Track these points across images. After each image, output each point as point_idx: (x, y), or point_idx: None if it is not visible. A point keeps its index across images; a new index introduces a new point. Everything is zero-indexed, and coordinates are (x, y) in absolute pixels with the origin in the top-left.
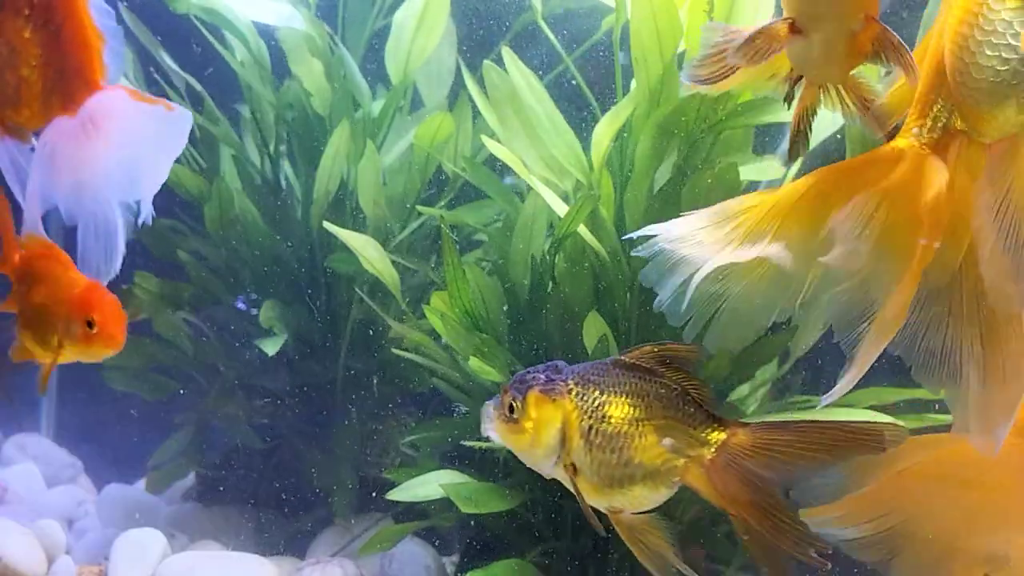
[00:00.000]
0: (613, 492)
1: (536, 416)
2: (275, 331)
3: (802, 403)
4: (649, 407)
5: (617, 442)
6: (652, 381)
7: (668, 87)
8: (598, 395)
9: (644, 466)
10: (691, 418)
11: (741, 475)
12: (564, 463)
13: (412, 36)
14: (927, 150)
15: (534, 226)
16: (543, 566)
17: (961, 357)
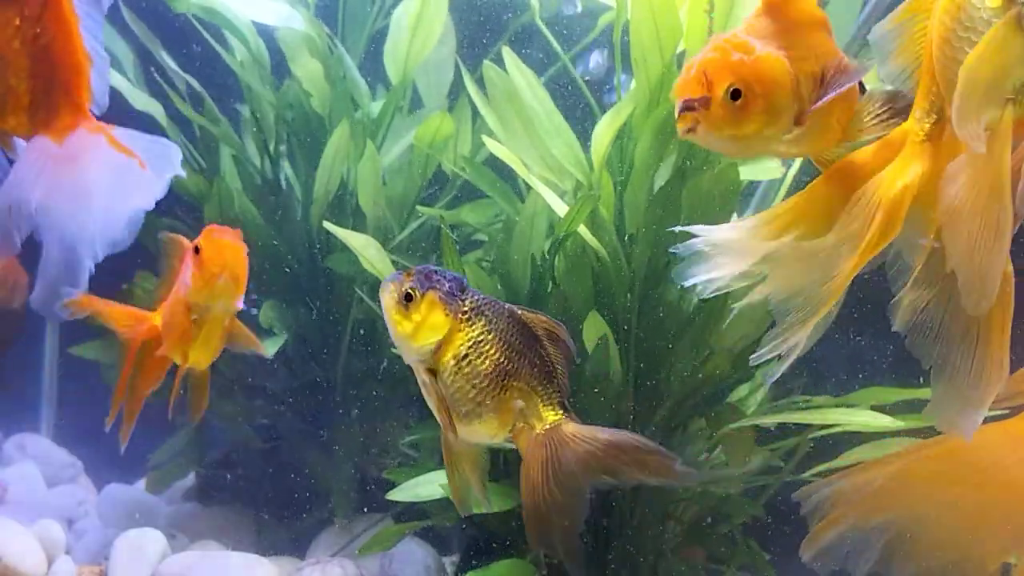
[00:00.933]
0: (455, 413)
1: (424, 316)
2: (275, 331)
3: (802, 403)
4: (519, 367)
5: (478, 380)
6: (533, 346)
7: (668, 87)
8: (483, 330)
9: (490, 412)
10: (545, 395)
11: (551, 457)
12: (427, 365)
13: (410, 36)
14: (923, 134)
15: (534, 226)
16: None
17: (952, 339)
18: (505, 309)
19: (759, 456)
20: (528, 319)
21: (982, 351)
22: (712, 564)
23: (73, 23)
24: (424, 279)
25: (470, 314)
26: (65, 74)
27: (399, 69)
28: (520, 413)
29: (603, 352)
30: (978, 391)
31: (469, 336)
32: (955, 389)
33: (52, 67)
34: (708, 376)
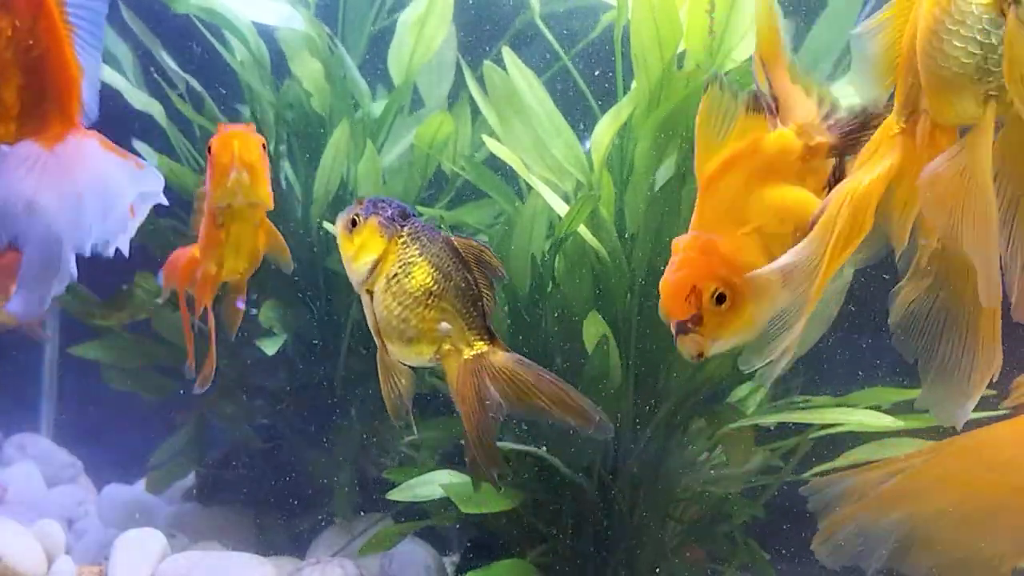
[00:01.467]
0: (388, 333)
1: (364, 239)
2: (275, 331)
3: (802, 403)
4: (447, 290)
5: (406, 300)
6: (462, 272)
7: (668, 87)
8: (416, 254)
9: (416, 331)
10: (472, 320)
11: (479, 384)
12: (366, 287)
13: (415, 38)
14: (898, 128)
15: (534, 226)
16: (543, 566)
17: (942, 330)
18: (441, 237)
19: (759, 456)
20: (461, 245)
21: (972, 341)
22: (712, 564)
23: (64, 34)
24: (370, 205)
25: (405, 238)
26: (56, 85)
27: (402, 70)
28: (446, 336)
29: (603, 352)
30: (969, 381)
31: (400, 257)
32: (946, 380)
33: (43, 78)
34: (708, 376)
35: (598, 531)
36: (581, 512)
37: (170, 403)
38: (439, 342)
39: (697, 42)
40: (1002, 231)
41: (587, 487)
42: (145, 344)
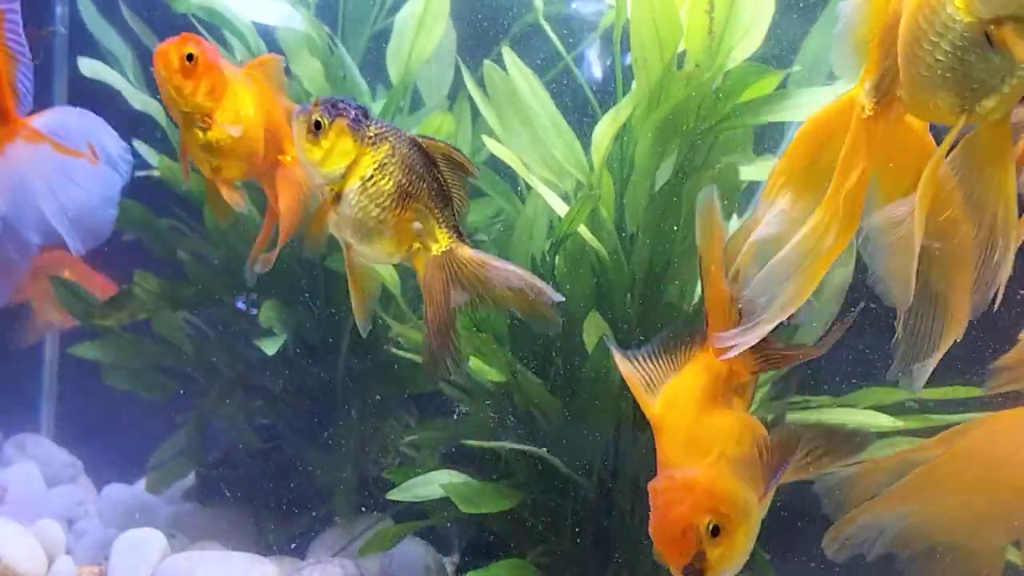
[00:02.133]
0: (356, 234)
1: (333, 143)
2: (275, 331)
3: (801, 403)
4: (419, 190)
5: (381, 199)
6: (432, 172)
7: (668, 87)
8: (387, 154)
9: (390, 230)
10: (442, 218)
11: (447, 279)
12: (333, 188)
13: (413, 37)
14: (869, 110)
15: (534, 226)
16: (543, 566)
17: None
18: (407, 136)
19: None
20: (428, 145)
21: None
22: None
23: None
24: (332, 108)
25: (375, 139)
26: None
27: (401, 69)
28: (418, 234)
29: (603, 352)
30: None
31: (374, 159)
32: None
33: None
34: None
35: (598, 531)
36: (581, 512)
37: (170, 403)
38: (410, 241)
39: (697, 42)
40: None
41: (587, 487)
42: (145, 344)
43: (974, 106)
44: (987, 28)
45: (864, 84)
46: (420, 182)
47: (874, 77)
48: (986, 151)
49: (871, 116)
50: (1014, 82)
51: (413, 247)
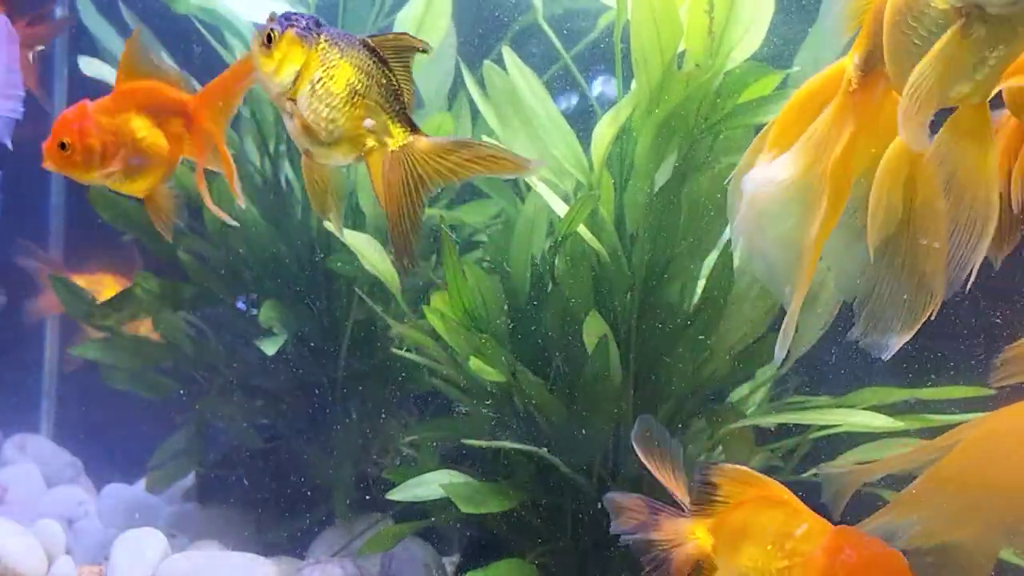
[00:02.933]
0: (311, 137)
1: (285, 53)
2: (275, 331)
3: (802, 403)
4: (369, 88)
5: (333, 101)
6: (383, 70)
7: (668, 87)
8: (337, 57)
9: (343, 130)
10: (395, 114)
11: (407, 172)
12: (289, 96)
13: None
14: (855, 83)
15: (534, 226)
16: (543, 566)
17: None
18: (357, 39)
19: (759, 456)
20: (376, 42)
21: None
22: None
23: None
24: (283, 20)
25: (324, 45)
26: None
27: None
28: (372, 131)
29: (603, 352)
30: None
31: (323, 62)
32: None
33: None
34: (708, 376)
35: (598, 531)
36: (581, 512)
37: (170, 403)
38: (364, 139)
39: (697, 42)
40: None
41: (587, 487)
42: (145, 344)
43: (949, 92)
44: (960, 16)
45: (853, 57)
46: (369, 80)
47: (863, 51)
48: (968, 133)
49: (857, 89)
50: (985, 71)
51: (369, 145)
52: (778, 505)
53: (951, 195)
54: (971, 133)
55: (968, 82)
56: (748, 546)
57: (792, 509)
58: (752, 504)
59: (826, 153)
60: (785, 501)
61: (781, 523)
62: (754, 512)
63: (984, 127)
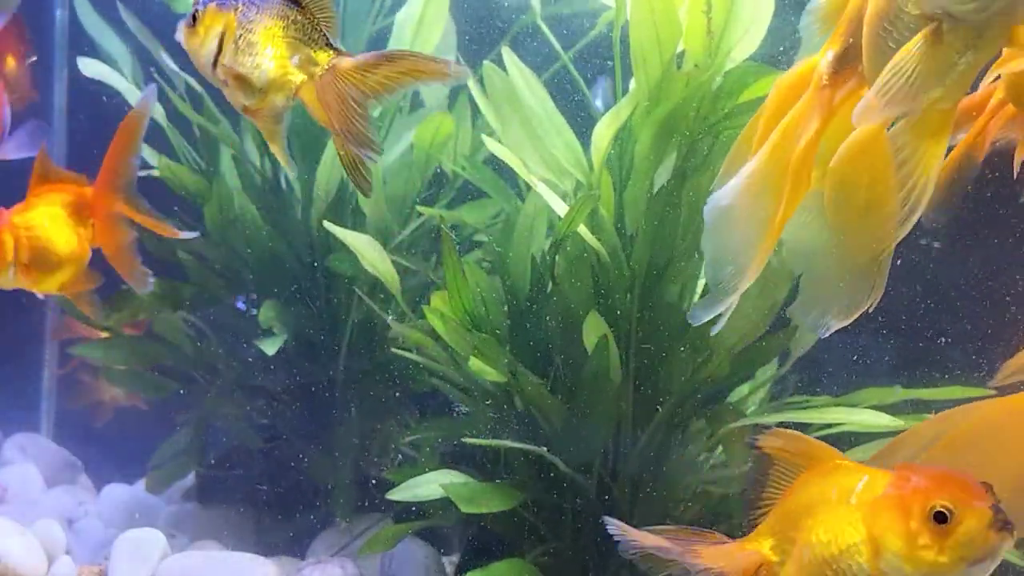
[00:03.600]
0: (246, 91)
1: (207, 24)
2: (275, 331)
3: (801, 403)
4: (287, 28)
5: (253, 49)
6: (296, 9)
7: (668, 87)
8: (254, 13)
9: (273, 74)
10: (316, 43)
11: (339, 91)
12: (220, 63)
13: (413, 36)
14: (826, 78)
15: (534, 226)
16: (543, 566)
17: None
18: None
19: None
20: None
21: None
22: None
23: None
24: (206, 1)
25: (241, 7)
26: None
27: None
28: (299, 65)
29: (603, 352)
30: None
31: (240, 22)
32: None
33: None
34: (708, 376)
35: (598, 531)
36: (581, 512)
37: (170, 403)
38: (294, 76)
39: (696, 42)
40: None
41: (587, 487)
42: (145, 345)
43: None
44: (930, 22)
45: (826, 54)
46: (286, 21)
47: (836, 49)
48: (929, 129)
49: (827, 85)
50: (955, 76)
51: (298, 81)
52: (830, 472)
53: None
54: (933, 133)
55: (939, 87)
56: (812, 522)
57: (845, 468)
58: (801, 485)
59: (793, 144)
60: (837, 465)
61: (839, 485)
62: (806, 490)
63: (945, 129)
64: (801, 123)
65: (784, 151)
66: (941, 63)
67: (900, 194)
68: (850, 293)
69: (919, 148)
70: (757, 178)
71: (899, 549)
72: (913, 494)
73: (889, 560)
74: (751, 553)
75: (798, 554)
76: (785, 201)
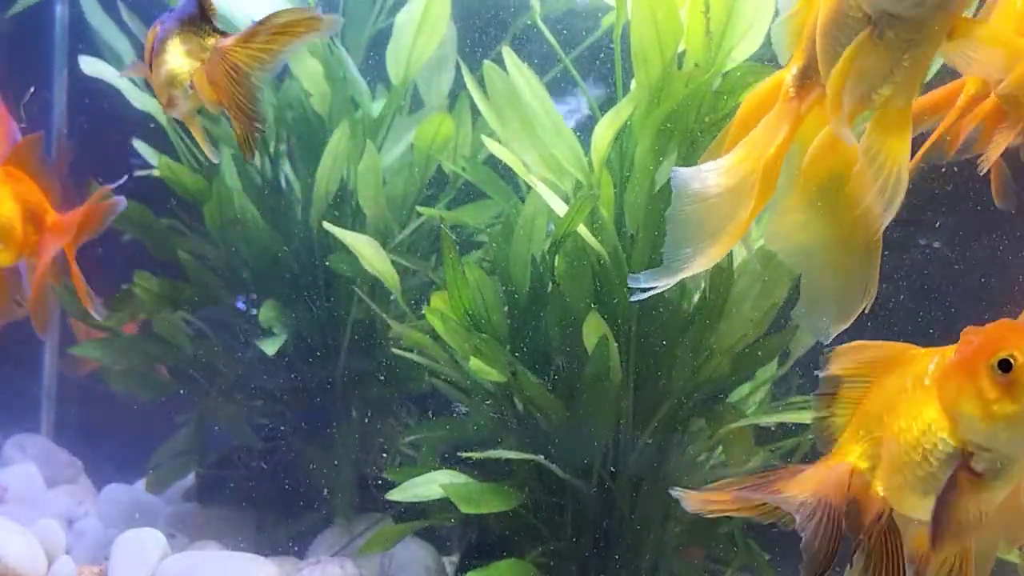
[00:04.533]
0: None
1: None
2: (275, 331)
3: (801, 403)
4: (184, 26)
5: (163, 49)
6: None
7: (668, 87)
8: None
9: (172, 70)
10: (199, 31)
11: (224, 69)
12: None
13: (414, 38)
14: (792, 91)
15: (534, 226)
16: (543, 566)
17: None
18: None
19: (759, 456)
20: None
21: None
22: (712, 564)
23: None
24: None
25: (162, 20)
26: None
27: (401, 70)
28: (190, 55)
29: (603, 352)
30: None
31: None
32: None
33: None
34: (708, 376)
35: (598, 531)
36: (581, 512)
37: (170, 403)
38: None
39: (697, 42)
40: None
41: (587, 487)
42: (145, 344)
43: (871, 94)
44: (870, 22)
45: (791, 68)
46: (182, 21)
47: (800, 64)
48: (889, 128)
49: (793, 97)
50: (902, 72)
51: (192, 69)
52: (904, 364)
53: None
54: (894, 132)
55: (889, 84)
56: (893, 415)
57: (919, 355)
58: (878, 387)
59: (762, 151)
60: (910, 356)
61: (914, 373)
62: (883, 389)
63: (904, 127)
64: (770, 132)
65: (754, 158)
66: (887, 60)
67: (875, 189)
68: (845, 293)
69: (884, 147)
70: (726, 177)
71: (973, 411)
72: (975, 354)
73: (967, 426)
74: (840, 466)
75: (886, 452)
76: (752, 204)
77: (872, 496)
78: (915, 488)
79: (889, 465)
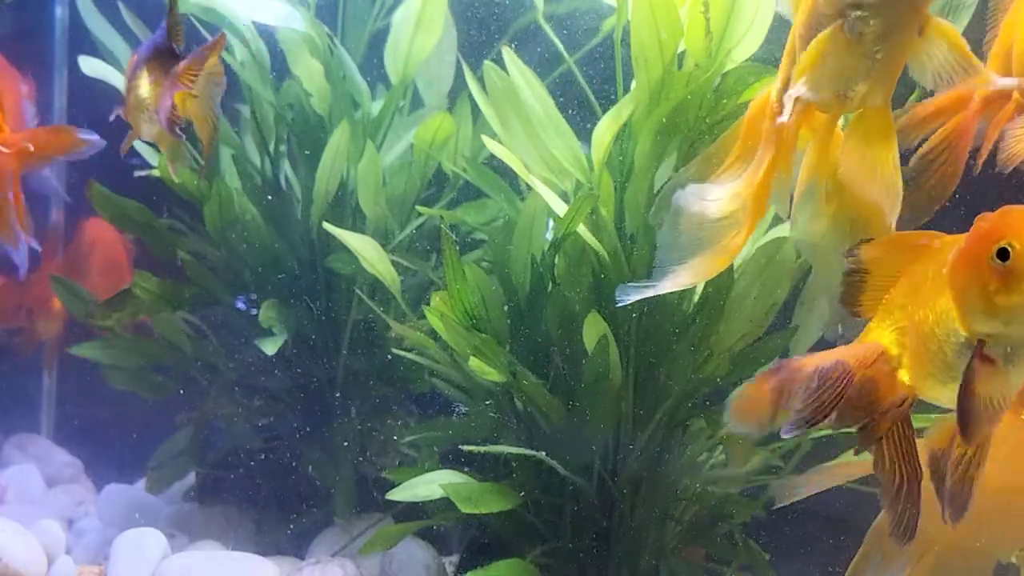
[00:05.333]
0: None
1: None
2: (275, 331)
3: None
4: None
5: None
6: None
7: (668, 87)
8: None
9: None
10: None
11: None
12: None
13: (411, 36)
14: (777, 109)
15: (534, 226)
16: (543, 566)
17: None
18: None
19: (759, 456)
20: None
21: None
22: (712, 564)
23: None
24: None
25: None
26: None
27: (399, 69)
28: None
29: (603, 352)
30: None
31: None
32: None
33: None
34: (708, 376)
35: (598, 531)
36: (581, 512)
37: (170, 403)
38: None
39: (697, 42)
40: None
41: (587, 487)
42: (144, 344)
43: (848, 92)
44: (839, 16)
45: (776, 86)
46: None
47: (784, 77)
48: (870, 129)
49: (779, 113)
50: (876, 66)
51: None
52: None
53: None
54: (875, 133)
55: (864, 80)
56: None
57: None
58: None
59: (752, 176)
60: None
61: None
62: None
63: (886, 127)
64: (760, 156)
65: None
66: (859, 55)
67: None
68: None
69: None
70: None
71: (976, 301)
72: (978, 242)
73: (973, 316)
74: (871, 344)
75: (911, 341)
76: (746, 224)
77: (897, 382)
78: (937, 377)
79: (913, 354)
